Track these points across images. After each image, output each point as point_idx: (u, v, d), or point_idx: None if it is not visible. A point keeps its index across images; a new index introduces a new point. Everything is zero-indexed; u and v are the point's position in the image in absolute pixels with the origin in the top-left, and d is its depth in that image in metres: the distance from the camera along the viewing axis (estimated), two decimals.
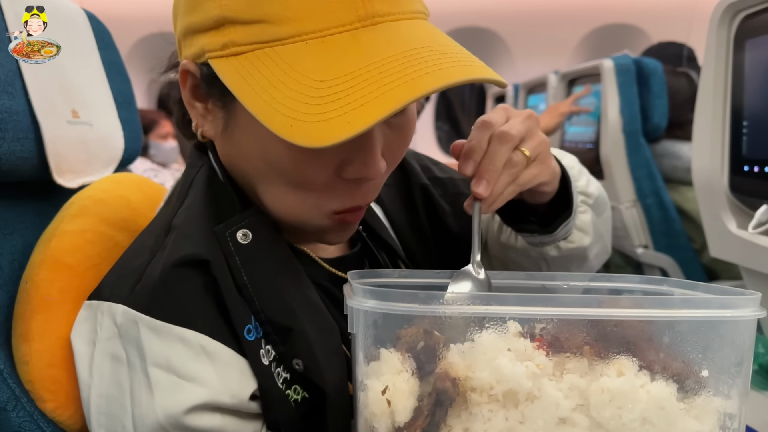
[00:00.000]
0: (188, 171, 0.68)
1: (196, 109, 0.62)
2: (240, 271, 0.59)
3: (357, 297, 0.45)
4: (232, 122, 0.59)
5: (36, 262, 0.67)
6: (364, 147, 0.56)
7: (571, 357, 0.43)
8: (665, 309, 0.43)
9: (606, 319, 0.43)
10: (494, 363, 0.42)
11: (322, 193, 0.59)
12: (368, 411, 0.43)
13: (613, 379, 0.42)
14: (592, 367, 0.43)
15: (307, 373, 0.60)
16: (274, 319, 0.60)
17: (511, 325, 0.43)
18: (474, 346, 0.43)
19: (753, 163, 0.89)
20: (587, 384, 0.42)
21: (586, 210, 0.76)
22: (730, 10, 0.91)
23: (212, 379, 0.55)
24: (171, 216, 0.62)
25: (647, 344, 0.44)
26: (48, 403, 0.62)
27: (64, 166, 0.76)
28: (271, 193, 0.60)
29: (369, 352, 0.44)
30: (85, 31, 0.89)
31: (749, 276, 0.99)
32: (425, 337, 0.44)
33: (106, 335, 0.57)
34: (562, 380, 0.42)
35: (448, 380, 0.42)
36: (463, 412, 0.42)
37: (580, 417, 0.42)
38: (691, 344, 0.45)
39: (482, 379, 0.42)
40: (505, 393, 0.42)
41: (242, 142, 0.59)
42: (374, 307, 0.43)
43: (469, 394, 0.42)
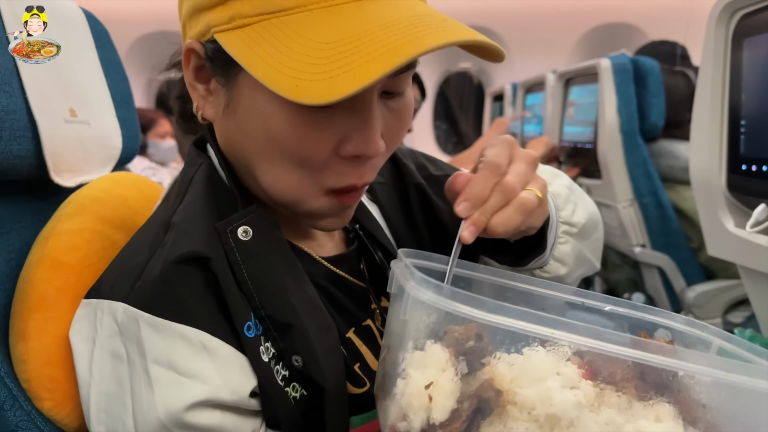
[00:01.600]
0: (187, 169, 0.68)
1: (197, 91, 0.63)
2: (240, 267, 0.60)
3: (420, 287, 0.43)
4: (234, 99, 0.59)
5: (33, 261, 0.67)
6: (363, 124, 0.57)
7: (613, 391, 0.42)
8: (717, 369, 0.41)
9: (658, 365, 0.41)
10: (543, 385, 0.41)
11: (320, 170, 0.59)
12: (405, 400, 0.43)
13: (651, 423, 0.42)
14: (632, 405, 0.42)
15: (306, 370, 0.60)
16: (274, 316, 0.60)
17: (563, 348, 0.42)
18: (523, 361, 0.42)
19: (751, 162, 0.89)
20: (624, 421, 0.42)
21: (567, 240, 0.75)
22: (728, 8, 0.91)
23: (213, 375, 0.56)
24: (170, 213, 0.62)
25: (688, 397, 0.43)
26: (45, 402, 0.62)
27: (61, 165, 0.76)
28: (270, 173, 0.60)
29: (418, 342, 0.44)
30: (82, 30, 0.88)
31: (747, 275, 0.99)
32: (476, 338, 0.43)
33: (106, 333, 0.57)
34: (600, 413, 0.42)
35: (492, 390, 0.42)
36: (497, 423, 0.42)
37: None
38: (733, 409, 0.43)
39: (527, 396, 0.41)
40: (547, 416, 0.41)
41: (244, 119, 0.59)
42: (437, 303, 0.42)
43: (509, 407, 0.41)
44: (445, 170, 0.88)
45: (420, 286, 0.43)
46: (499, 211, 0.58)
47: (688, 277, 2.15)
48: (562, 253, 0.75)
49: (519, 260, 0.74)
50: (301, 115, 0.55)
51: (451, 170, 0.89)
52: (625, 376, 0.43)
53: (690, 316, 2.18)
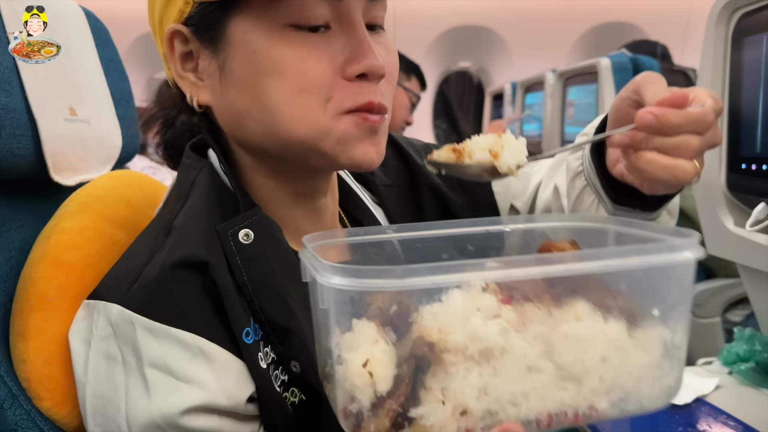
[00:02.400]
0: (188, 172, 0.67)
1: (187, 80, 0.63)
2: (241, 270, 0.59)
3: (329, 274, 0.44)
4: (228, 57, 0.59)
5: (34, 259, 0.67)
6: (359, 42, 0.58)
7: (531, 307, 0.45)
8: (622, 258, 0.45)
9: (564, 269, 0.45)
10: (468, 325, 0.43)
11: (332, 93, 0.58)
12: (349, 384, 0.43)
13: (572, 324, 0.45)
14: (551, 314, 0.45)
15: (304, 375, 0.60)
16: (273, 320, 0.60)
17: (473, 284, 0.44)
18: (445, 308, 0.43)
19: (750, 161, 0.89)
20: (550, 331, 0.45)
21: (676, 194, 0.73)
22: (728, 7, 0.91)
23: (209, 381, 0.55)
24: (171, 217, 0.62)
25: (598, 287, 0.47)
26: (45, 401, 0.62)
27: (61, 164, 0.76)
28: (284, 110, 0.58)
29: (343, 325, 0.44)
30: (82, 29, 0.88)
31: (746, 273, 0.99)
32: (397, 302, 0.44)
33: (101, 335, 0.57)
34: (526, 330, 0.44)
35: (425, 345, 0.43)
36: (439, 373, 0.43)
37: (545, 363, 0.44)
38: (644, 287, 0.48)
39: (457, 340, 0.43)
40: (480, 351, 0.43)
41: (243, 70, 0.59)
42: (350, 286, 0.43)
43: (444, 355, 0.43)
44: None
45: (328, 273, 0.44)
46: (659, 153, 0.56)
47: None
48: (674, 204, 0.73)
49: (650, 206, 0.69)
50: (299, 39, 0.57)
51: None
52: (537, 289, 0.45)
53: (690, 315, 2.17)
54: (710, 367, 1.05)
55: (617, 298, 0.47)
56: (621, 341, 0.46)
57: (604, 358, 0.45)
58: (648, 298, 0.48)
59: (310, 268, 0.47)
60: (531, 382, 0.44)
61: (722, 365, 1.04)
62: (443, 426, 0.43)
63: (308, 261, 0.49)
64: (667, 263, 0.47)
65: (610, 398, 0.46)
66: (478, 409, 0.43)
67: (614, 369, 0.46)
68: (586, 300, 0.46)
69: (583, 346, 0.45)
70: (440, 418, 0.43)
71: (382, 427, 0.43)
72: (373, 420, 0.43)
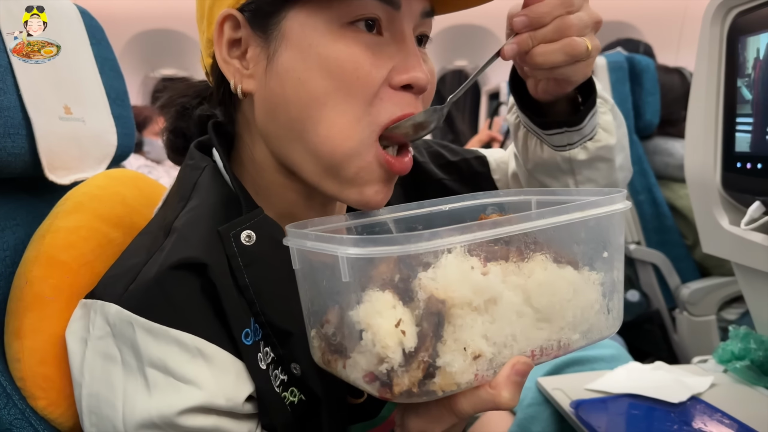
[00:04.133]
0: (191, 172, 0.67)
1: (232, 66, 0.63)
2: (242, 272, 0.59)
3: (346, 246, 0.48)
4: (279, 49, 0.59)
5: (30, 258, 0.66)
6: (409, 54, 0.60)
7: (504, 264, 0.51)
8: (582, 211, 0.55)
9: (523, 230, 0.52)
10: (470, 280, 0.48)
11: (375, 103, 0.59)
12: (379, 346, 0.47)
13: (542, 273, 0.52)
14: (521, 268, 0.52)
15: (304, 378, 0.60)
16: (275, 323, 0.60)
17: (461, 248, 0.49)
18: (443, 271, 0.48)
19: (745, 160, 0.89)
20: (525, 282, 0.52)
21: (606, 111, 0.77)
22: (723, 6, 0.91)
23: (208, 382, 0.55)
24: (172, 217, 0.62)
25: (554, 242, 0.55)
26: (40, 401, 0.62)
27: (56, 163, 0.76)
28: (324, 121, 0.58)
29: (360, 297, 0.49)
30: (77, 27, 0.88)
31: (741, 272, 1.00)
32: (398, 271, 0.49)
33: (98, 334, 0.57)
34: (508, 282, 0.51)
35: (438, 302, 0.48)
36: (449, 326, 0.49)
37: (526, 309, 0.52)
38: (597, 233, 0.57)
39: (464, 295, 0.48)
40: (485, 301, 0.49)
41: (293, 65, 0.58)
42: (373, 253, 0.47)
43: (453, 310, 0.48)
44: (462, 154, 0.89)
45: (350, 246, 0.48)
46: (546, 43, 0.62)
47: (683, 274, 2.16)
48: (606, 122, 0.76)
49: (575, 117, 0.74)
50: (356, 40, 0.58)
51: (467, 153, 0.91)
52: (503, 250, 0.52)
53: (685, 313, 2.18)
54: (705, 366, 1.05)
55: (573, 247, 0.56)
56: (578, 283, 0.55)
57: (569, 299, 0.54)
58: (599, 243, 0.57)
59: (324, 245, 0.51)
60: (519, 325, 0.51)
61: (717, 363, 1.04)
62: (464, 370, 0.49)
63: (313, 242, 0.52)
64: (613, 212, 0.57)
65: (579, 331, 0.55)
66: (488, 351, 0.50)
67: (578, 307, 0.55)
68: (543, 254, 0.54)
69: (552, 291, 0.52)
70: (461, 363, 0.49)
71: (415, 379, 0.48)
72: (407, 374, 0.48)
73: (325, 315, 0.55)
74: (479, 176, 0.89)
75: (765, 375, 0.97)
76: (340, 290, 0.51)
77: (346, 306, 0.50)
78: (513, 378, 0.49)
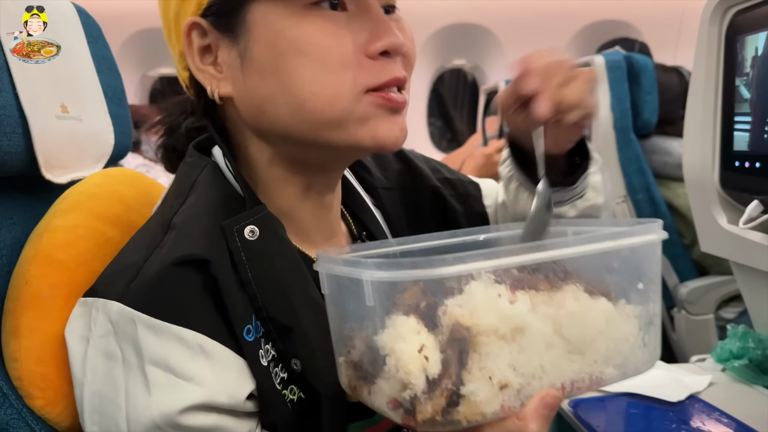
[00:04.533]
0: (189, 171, 0.67)
1: (206, 73, 0.63)
2: (245, 267, 0.59)
3: (371, 270, 0.48)
4: (250, 44, 0.60)
5: (27, 257, 0.66)
6: (378, 21, 0.60)
7: (534, 293, 0.50)
8: (614, 241, 0.53)
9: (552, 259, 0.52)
10: (497, 308, 0.48)
11: (357, 71, 0.59)
12: (402, 372, 0.47)
13: (573, 303, 0.51)
14: (552, 298, 0.51)
15: (304, 374, 0.60)
16: (275, 318, 0.60)
17: (487, 275, 0.49)
18: (470, 297, 0.48)
19: (743, 159, 0.89)
20: (555, 311, 0.50)
21: (596, 171, 0.78)
22: (721, 5, 0.91)
23: (209, 379, 0.55)
24: (170, 215, 0.62)
25: (583, 272, 0.54)
26: (37, 401, 0.61)
27: (52, 162, 0.76)
28: (309, 90, 0.59)
29: (385, 321, 0.49)
30: (74, 25, 0.88)
31: (739, 271, 1.00)
32: (423, 297, 0.48)
33: (99, 332, 0.57)
34: (537, 312, 0.50)
35: (463, 329, 0.47)
36: (473, 355, 0.48)
37: (556, 339, 0.50)
38: (631, 264, 0.56)
39: (490, 323, 0.47)
40: (512, 330, 0.48)
41: (267, 54, 0.59)
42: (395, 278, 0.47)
43: (479, 338, 0.47)
44: (457, 175, 0.91)
45: (373, 269, 0.48)
46: (566, 85, 0.65)
47: (681, 273, 2.16)
48: (596, 182, 0.78)
49: (570, 178, 0.76)
50: (321, 17, 0.58)
51: (462, 176, 0.92)
52: (532, 279, 0.51)
53: (683, 312, 2.19)
54: (703, 364, 1.05)
55: (608, 277, 0.54)
56: (612, 315, 0.53)
57: (602, 330, 0.52)
58: (634, 274, 0.56)
59: (348, 271, 0.51)
60: (548, 356, 0.50)
61: (715, 362, 1.04)
62: (490, 400, 0.48)
63: (340, 266, 0.53)
64: (647, 243, 0.55)
65: (613, 364, 0.53)
66: (515, 382, 0.48)
67: (611, 339, 0.53)
68: (575, 284, 0.52)
69: (584, 322, 0.51)
70: (487, 393, 0.47)
71: (438, 406, 0.47)
72: (430, 401, 0.47)
73: (352, 340, 0.54)
74: (471, 197, 0.90)
75: (763, 374, 0.97)
76: (365, 315, 0.51)
77: (370, 331, 0.50)
78: (542, 411, 0.48)
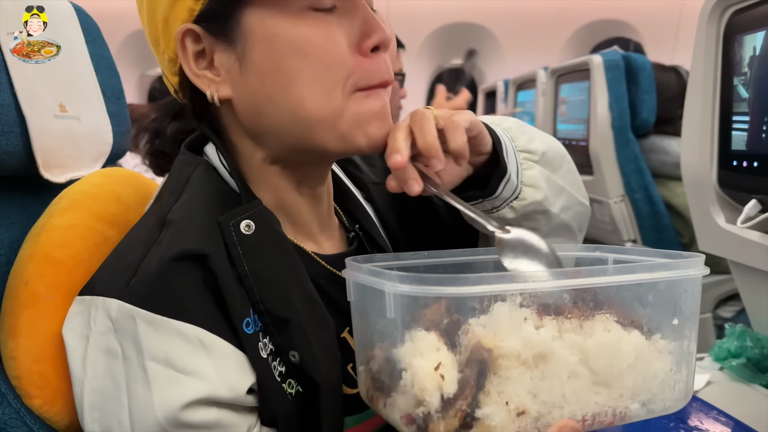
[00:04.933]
0: (183, 168, 0.67)
1: (203, 78, 0.63)
2: (242, 261, 0.60)
3: (394, 282, 0.48)
4: (247, 48, 0.60)
5: (25, 257, 0.66)
6: (367, 18, 0.61)
7: (563, 319, 0.49)
8: (650, 273, 0.52)
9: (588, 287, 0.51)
10: (521, 332, 0.47)
11: (352, 69, 0.61)
12: (418, 388, 0.47)
13: (603, 334, 0.50)
14: (582, 326, 0.50)
15: (302, 366, 0.60)
16: (273, 311, 0.60)
17: (512, 298, 0.48)
18: (495, 319, 0.47)
19: (741, 158, 0.89)
20: (583, 340, 0.49)
21: (531, 166, 0.76)
22: (719, 5, 0.91)
23: (210, 372, 0.55)
24: (165, 212, 0.62)
25: (618, 302, 0.52)
26: (35, 400, 0.61)
27: (51, 161, 0.76)
28: (309, 92, 0.60)
29: (404, 335, 0.48)
30: (72, 25, 0.88)
31: (737, 270, 1.00)
32: (447, 314, 0.48)
33: (100, 330, 0.57)
34: (564, 339, 0.49)
35: (484, 350, 0.47)
36: (493, 378, 0.47)
37: (582, 369, 0.49)
38: (667, 298, 0.54)
39: (512, 347, 0.47)
40: (534, 356, 0.47)
41: (265, 57, 0.60)
42: (417, 292, 0.47)
43: (500, 360, 0.47)
44: None
45: (396, 282, 0.48)
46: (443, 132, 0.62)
47: None
48: (531, 178, 0.75)
49: (486, 189, 0.73)
50: (317, 18, 0.59)
51: None
52: (562, 306, 0.50)
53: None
54: (701, 363, 1.06)
55: (641, 309, 0.53)
56: (644, 349, 0.51)
57: (629, 364, 0.51)
58: (669, 309, 0.54)
59: (373, 281, 0.51)
60: (571, 386, 0.49)
61: (713, 361, 1.04)
62: (505, 425, 0.47)
63: (365, 277, 0.53)
64: (685, 277, 0.54)
65: (639, 400, 0.52)
66: (533, 409, 0.47)
67: (640, 374, 0.51)
68: (608, 314, 0.51)
69: (613, 353, 0.50)
70: (503, 418, 0.47)
71: (451, 427, 0.47)
72: (443, 421, 0.46)
73: (373, 350, 0.55)
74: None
75: (761, 372, 0.97)
76: (386, 326, 0.51)
77: (390, 343, 0.50)
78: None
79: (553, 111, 2.54)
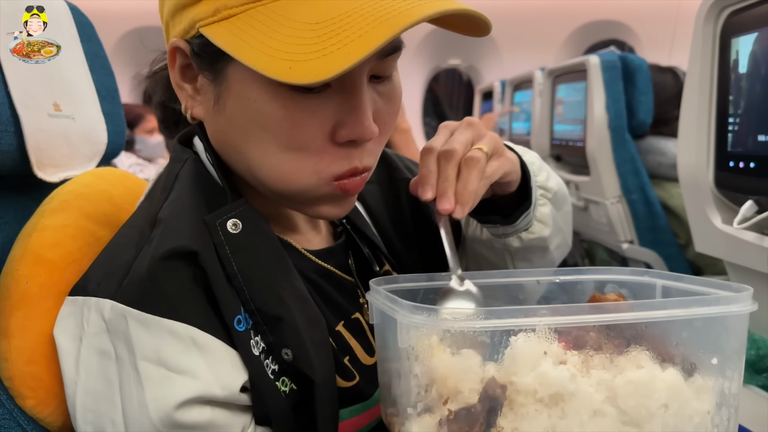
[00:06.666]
0: (172, 165, 0.67)
1: (185, 91, 0.63)
2: (230, 260, 0.59)
3: (405, 311, 0.47)
4: (224, 94, 0.59)
5: (16, 257, 0.66)
6: (355, 108, 0.57)
7: (593, 354, 0.47)
8: (686, 308, 0.48)
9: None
10: (538, 369, 0.45)
11: (319, 157, 0.58)
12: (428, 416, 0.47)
13: (635, 371, 0.47)
14: (613, 360, 0.47)
15: (295, 363, 0.60)
16: (264, 309, 0.60)
17: (538, 330, 0.46)
18: (512, 352, 0.46)
19: (738, 159, 0.89)
20: (612, 377, 0.46)
21: (545, 203, 0.78)
22: (715, 6, 0.91)
23: (203, 371, 0.55)
24: (156, 210, 0.62)
25: (654, 337, 0.49)
26: (28, 400, 0.61)
27: (45, 160, 0.75)
28: (267, 164, 0.59)
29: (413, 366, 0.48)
30: (67, 24, 0.87)
31: (734, 271, 1.00)
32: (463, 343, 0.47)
33: (93, 331, 0.56)
34: (590, 376, 0.46)
35: (497, 387, 0.45)
36: (509, 413, 0.45)
37: (609, 408, 0.46)
38: (704, 336, 0.50)
39: (528, 383, 0.45)
40: (551, 395, 0.45)
41: (235, 113, 0.58)
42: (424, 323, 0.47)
43: (515, 397, 0.45)
44: None
45: (410, 313, 0.47)
46: (459, 178, 0.62)
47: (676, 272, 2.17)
48: (543, 214, 0.77)
49: (507, 218, 0.75)
50: (293, 100, 0.55)
51: None
52: (599, 337, 0.48)
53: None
54: None
55: (675, 347, 0.50)
56: (679, 389, 0.48)
57: (664, 404, 0.47)
58: (707, 348, 0.50)
59: (386, 308, 0.51)
60: (596, 426, 0.46)
61: None
62: None
63: (381, 302, 0.52)
64: (725, 314, 0.49)
65: None
66: None
67: (674, 415, 0.47)
68: (643, 349, 0.48)
69: (645, 393, 0.46)
70: None
71: None
72: None
73: (390, 374, 0.55)
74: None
75: (757, 373, 0.97)
76: (399, 353, 0.51)
77: (403, 370, 0.50)
78: None
79: (550, 111, 2.54)
